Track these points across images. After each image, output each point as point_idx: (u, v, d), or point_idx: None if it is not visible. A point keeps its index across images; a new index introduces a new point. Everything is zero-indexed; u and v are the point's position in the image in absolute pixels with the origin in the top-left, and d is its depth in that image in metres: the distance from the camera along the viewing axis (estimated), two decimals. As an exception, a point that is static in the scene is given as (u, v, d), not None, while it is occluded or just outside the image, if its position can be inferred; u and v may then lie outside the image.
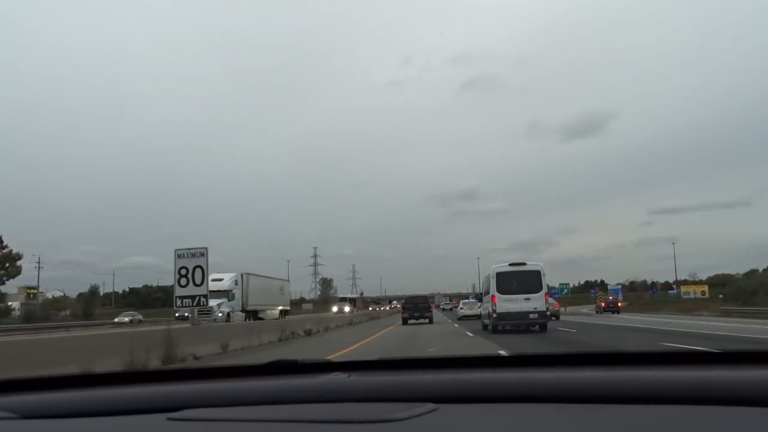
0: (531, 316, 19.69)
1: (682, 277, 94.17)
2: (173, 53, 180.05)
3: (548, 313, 21.19)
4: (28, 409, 1.22)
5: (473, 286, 39.72)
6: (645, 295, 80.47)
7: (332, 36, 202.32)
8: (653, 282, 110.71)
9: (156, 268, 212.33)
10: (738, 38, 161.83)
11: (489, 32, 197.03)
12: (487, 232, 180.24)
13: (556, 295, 68.96)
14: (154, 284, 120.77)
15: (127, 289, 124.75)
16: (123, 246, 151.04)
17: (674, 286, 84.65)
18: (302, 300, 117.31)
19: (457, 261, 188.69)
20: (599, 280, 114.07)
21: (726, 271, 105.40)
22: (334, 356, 12.28)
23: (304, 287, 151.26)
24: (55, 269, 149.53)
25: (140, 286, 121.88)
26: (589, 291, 76.63)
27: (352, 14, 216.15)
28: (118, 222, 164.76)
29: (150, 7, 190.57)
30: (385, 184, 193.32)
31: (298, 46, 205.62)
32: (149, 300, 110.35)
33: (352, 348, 15.96)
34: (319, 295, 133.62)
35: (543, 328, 20.33)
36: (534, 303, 19.63)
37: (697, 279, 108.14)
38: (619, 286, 56.64)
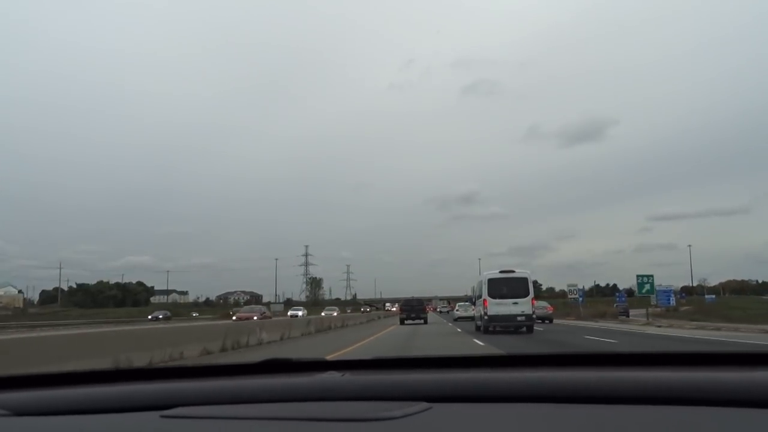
0: (519, 318, 21.29)
1: (694, 283, 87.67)
2: (174, 53, 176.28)
3: (534, 316, 22.56)
4: (21, 407, 1.21)
5: (472, 289, 34.01)
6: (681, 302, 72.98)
7: (334, 38, 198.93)
8: (669, 286, 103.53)
9: (155, 268, 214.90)
10: (738, 45, 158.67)
11: (490, 37, 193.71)
12: (485, 236, 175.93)
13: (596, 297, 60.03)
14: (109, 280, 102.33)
15: (74, 285, 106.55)
16: (121, 245, 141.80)
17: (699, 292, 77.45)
18: (288, 301, 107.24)
19: (456, 265, 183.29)
20: (612, 284, 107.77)
21: (729, 278, 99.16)
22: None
23: (295, 288, 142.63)
24: (53, 268, 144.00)
25: (94, 282, 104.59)
26: (610, 295, 69.03)
27: (354, 17, 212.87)
28: (117, 221, 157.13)
29: (151, 7, 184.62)
30: (385, 186, 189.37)
31: (299, 47, 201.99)
32: (100, 298, 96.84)
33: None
34: (308, 297, 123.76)
35: (530, 329, 21.75)
36: (521, 307, 21.20)
37: (707, 285, 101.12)
38: (671, 288, 46.89)
